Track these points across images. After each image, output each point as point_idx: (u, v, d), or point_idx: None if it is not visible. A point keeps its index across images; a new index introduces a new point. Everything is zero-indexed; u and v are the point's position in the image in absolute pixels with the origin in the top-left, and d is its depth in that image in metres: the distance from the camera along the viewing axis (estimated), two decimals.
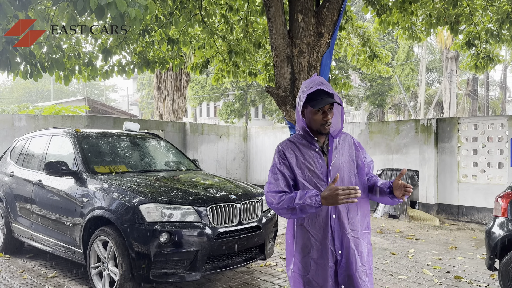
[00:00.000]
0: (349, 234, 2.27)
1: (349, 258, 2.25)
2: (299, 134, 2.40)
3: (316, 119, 2.28)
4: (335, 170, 2.30)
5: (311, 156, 2.32)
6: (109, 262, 3.96)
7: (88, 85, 47.32)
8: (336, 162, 2.32)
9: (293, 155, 2.33)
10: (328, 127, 2.29)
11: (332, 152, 2.34)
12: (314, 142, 2.34)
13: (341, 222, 2.27)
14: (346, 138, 2.45)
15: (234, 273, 4.83)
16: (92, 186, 4.31)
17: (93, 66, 7.33)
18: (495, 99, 33.10)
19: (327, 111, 2.27)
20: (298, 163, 2.32)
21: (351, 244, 2.27)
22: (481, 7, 8.05)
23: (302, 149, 2.34)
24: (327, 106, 2.26)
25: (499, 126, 7.83)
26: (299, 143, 2.36)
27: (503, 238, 4.06)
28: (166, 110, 14.88)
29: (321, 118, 2.27)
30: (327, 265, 2.26)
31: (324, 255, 2.27)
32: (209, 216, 3.90)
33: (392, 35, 25.87)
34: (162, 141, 5.96)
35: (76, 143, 4.86)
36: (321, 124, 2.28)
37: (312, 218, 2.31)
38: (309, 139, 2.35)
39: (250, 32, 8.37)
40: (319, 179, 2.28)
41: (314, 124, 2.30)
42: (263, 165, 11.78)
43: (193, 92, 29.70)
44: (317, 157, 2.31)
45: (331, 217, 2.27)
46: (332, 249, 2.27)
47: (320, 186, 2.28)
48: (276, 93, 5.96)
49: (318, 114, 2.27)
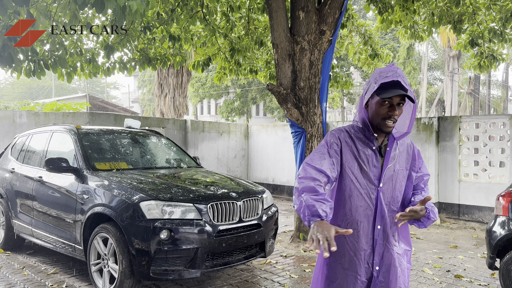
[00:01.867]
0: (393, 250, 2.03)
1: (389, 277, 2.00)
2: (356, 126, 2.09)
3: (380, 112, 1.96)
4: (389, 175, 2.04)
5: (366, 154, 2.03)
6: (109, 259, 3.96)
7: (89, 82, 47.33)
8: (392, 167, 2.05)
9: (347, 147, 2.03)
10: (391, 124, 1.96)
11: (390, 155, 2.04)
12: (373, 139, 2.03)
13: (386, 234, 2.02)
14: (405, 143, 2.14)
15: (234, 271, 4.83)
16: (92, 183, 4.31)
17: (95, 63, 7.33)
18: (497, 98, 33.05)
19: (395, 105, 1.95)
20: (351, 157, 2.02)
21: (394, 262, 2.02)
22: (484, 6, 8.01)
23: (357, 143, 2.04)
24: (397, 99, 1.94)
25: (500, 125, 7.81)
26: (356, 136, 2.05)
27: (504, 237, 4.05)
28: (167, 107, 14.88)
29: (386, 111, 1.95)
30: (358, 279, 2.01)
31: (356, 267, 2.02)
32: (210, 214, 3.89)
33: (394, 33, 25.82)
34: (163, 138, 5.96)
35: (77, 139, 4.86)
36: (384, 118, 1.95)
37: (352, 222, 2.03)
38: (367, 134, 2.04)
39: (251, 30, 8.35)
40: (370, 182, 2.02)
41: (376, 117, 1.98)
42: (264, 163, 11.78)
43: (194, 89, 29.70)
44: (373, 157, 2.03)
45: (375, 227, 2.02)
46: (369, 263, 2.02)
47: (369, 189, 2.02)
48: (277, 91, 5.95)
49: (384, 107, 1.95)
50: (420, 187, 2.17)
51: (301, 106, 6.01)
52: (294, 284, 4.45)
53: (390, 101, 1.94)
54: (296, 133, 6.10)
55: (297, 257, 5.51)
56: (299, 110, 6.00)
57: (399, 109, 1.96)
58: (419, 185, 2.18)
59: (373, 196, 2.02)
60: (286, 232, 6.95)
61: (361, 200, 2.02)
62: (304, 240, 6.10)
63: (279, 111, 29.95)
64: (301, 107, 6.01)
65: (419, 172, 2.18)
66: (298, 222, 6.23)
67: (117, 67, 7.89)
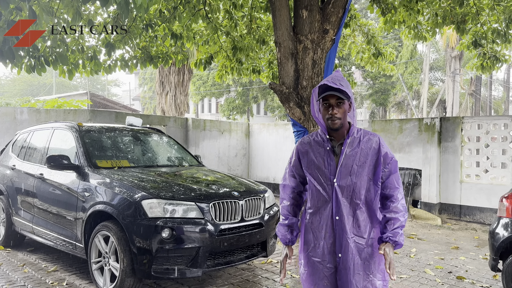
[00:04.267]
0: (350, 239, 2.21)
1: (347, 263, 2.21)
2: (319, 130, 2.39)
3: (324, 113, 2.24)
4: (345, 172, 2.23)
5: (321, 154, 2.29)
6: (110, 257, 3.94)
7: (90, 79, 47.29)
8: (348, 163, 2.23)
9: (305, 153, 2.35)
10: (335, 121, 2.21)
11: (343, 153, 2.25)
12: (326, 140, 2.29)
13: (343, 225, 2.22)
14: (372, 140, 2.29)
15: (235, 270, 4.81)
16: (94, 181, 4.29)
17: (97, 60, 7.29)
18: (498, 99, 33.01)
19: (333, 105, 2.20)
20: (308, 161, 2.33)
21: (351, 249, 2.20)
22: (488, 6, 7.97)
23: (314, 147, 2.33)
24: (333, 99, 2.20)
25: (502, 126, 7.79)
26: (314, 140, 2.35)
27: (508, 239, 4.02)
28: (168, 105, 14.85)
29: (327, 111, 2.21)
30: (325, 265, 2.27)
31: (322, 254, 2.27)
32: (212, 213, 3.87)
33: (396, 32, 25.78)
34: (165, 137, 5.94)
35: (79, 137, 4.84)
36: (328, 118, 2.22)
37: (315, 215, 2.30)
38: (323, 137, 2.32)
39: (254, 29, 8.32)
40: (326, 178, 2.25)
41: (324, 119, 2.26)
42: (264, 162, 11.76)
43: (195, 87, 29.67)
44: (327, 156, 2.27)
45: (334, 218, 2.24)
46: (332, 251, 2.25)
47: (326, 186, 2.25)
48: (280, 90, 5.92)
49: (325, 108, 2.23)
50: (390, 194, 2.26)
51: (304, 106, 5.98)
52: (295, 284, 4.43)
53: (328, 102, 2.20)
54: (298, 133, 6.08)
55: (298, 257, 5.48)
56: (301, 109, 5.98)
57: (340, 107, 2.20)
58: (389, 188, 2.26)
59: (330, 191, 2.24)
60: None
61: (320, 195, 2.28)
62: None
63: (280, 110, 29.92)
64: (304, 106, 5.98)
65: (387, 168, 2.27)
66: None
67: (119, 65, 7.87)
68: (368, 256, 2.23)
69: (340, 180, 2.22)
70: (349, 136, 2.28)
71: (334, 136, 2.30)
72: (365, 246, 2.23)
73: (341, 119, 2.22)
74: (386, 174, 2.26)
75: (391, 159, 2.28)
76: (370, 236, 2.25)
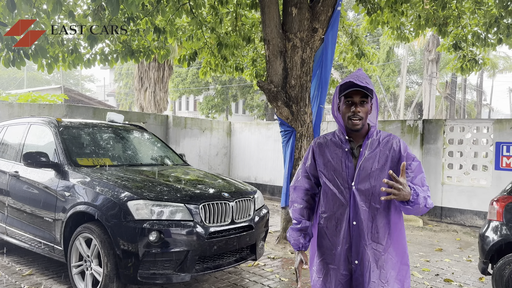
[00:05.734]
0: (368, 246, 2.08)
1: (363, 271, 2.09)
2: (336, 131, 2.25)
3: (345, 111, 2.09)
4: (364, 175, 2.09)
5: (339, 156, 2.16)
6: (93, 261, 3.72)
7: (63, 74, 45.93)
8: (367, 166, 2.10)
9: (322, 153, 2.22)
10: (356, 121, 2.06)
11: (362, 155, 2.11)
12: (345, 141, 2.16)
13: (360, 230, 2.09)
14: (391, 142, 2.15)
15: (222, 273, 4.65)
16: (74, 180, 4.05)
17: (77, 53, 6.98)
18: (471, 102, 33.90)
19: (357, 102, 2.05)
20: (324, 162, 2.20)
21: (368, 257, 2.08)
22: (469, 10, 8.10)
23: (331, 148, 2.20)
24: (357, 97, 2.05)
25: (484, 129, 7.90)
26: (331, 141, 2.22)
27: (498, 242, 4.02)
28: (147, 102, 14.48)
29: (349, 109, 2.06)
30: (340, 272, 2.14)
31: (337, 261, 2.14)
32: (201, 215, 3.71)
33: (374, 35, 26.07)
34: (148, 134, 5.72)
35: (58, 133, 4.57)
36: (348, 116, 2.07)
37: (330, 220, 2.17)
38: (342, 137, 2.18)
39: (239, 26, 8.16)
40: (344, 181, 2.12)
41: (344, 118, 2.11)
42: (246, 161, 11.62)
43: (173, 84, 29.22)
44: (345, 158, 2.14)
45: (351, 223, 2.10)
46: (348, 258, 2.13)
47: (343, 189, 2.12)
48: (268, 88, 5.79)
49: (347, 105, 2.08)
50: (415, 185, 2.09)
51: (292, 105, 5.88)
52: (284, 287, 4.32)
53: (351, 100, 2.06)
54: (286, 132, 5.97)
55: (285, 259, 5.38)
56: (289, 108, 5.87)
57: (363, 106, 2.06)
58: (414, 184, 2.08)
59: (347, 195, 2.11)
60: (271, 232, 6.81)
61: (336, 198, 2.14)
62: None
63: (259, 109, 29.81)
64: (292, 106, 5.88)
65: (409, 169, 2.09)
66: (285, 223, 6.10)
67: (98, 59, 7.57)
68: (385, 263, 2.10)
69: (359, 184, 2.09)
70: (368, 137, 2.14)
71: (353, 137, 2.17)
72: (382, 253, 2.10)
73: (363, 119, 2.08)
74: (409, 176, 2.07)
75: (413, 159, 2.12)
76: (388, 243, 2.12)
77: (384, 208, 2.10)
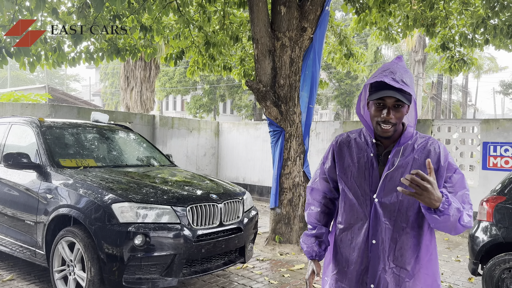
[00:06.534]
0: (388, 269, 1.76)
1: None
2: (363, 130, 1.90)
3: (374, 115, 1.73)
4: (390, 187, 1.74)
5: (363, 161, 1.82)
6: (76, 266, 3.60)
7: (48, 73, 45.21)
8: (394, 176, 1.74)
9: (342, 155, 1.90)
10: (388, 128, 1.70)
11: (390, 162, 1.76)
12: (372, 145, 1.82)
13: (380, 251, 1.76)
14: (428, 148, 1.77)
15: (210, 277, 4.56)
16: (57, 181, 3.92)
17: (61, 51, 6.80)
18: (457, 102, 34.32)
19: (390, 107, 1.68)
20: (345, 166, 1.88)
21: (386, 282, 1.75)
22: (456, 11, 8.14)
23: (355, 150, 1.86)
24: (391, 100, 1.67)
25: (471, 129, 7.93)
26: (356, 141, 1.88)
27: (488, 243, 4.01)
28: (134, 101, 14.27)
29: (379, 114, 1.70)
30: None
31: (349, 282, 1.85)
32: (188, 217, 3.61)
33: (362, 36, 26.20)
34: (133, 134, 5.59)
35: (40, 133, 4.42)
36: (376, 122, 1.72)
37: (346, 233, 1.87)
38: (368, 139, 1.84)
39: (227, 25, 8.07)
40: (364, 192, 1.79)
41: (372, 121, 1.76)
42: (234, 161, 11.52)
43: (160, 84, 28.95)
44: (369, 164, 1.80)
45: (369, 241, 1.78)
46: (363, 280, 1.81)
47: (363, 200, 1.80)
48: (257, 88, 5.72)
49: (377, 109, 1.71)
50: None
51: (281, 105, 5.81)
52: None
53: (383, 103, 1.68)
54: (275, 132, 5.90)
55: (274, 261, 5.31)
56: (278, 108, 5.80)
57: (397, 111, 1.68)
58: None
59: (367, 208, 1.79)
60: (260, 234, 6.72)
61: (355, 210, 1.83)
62: (280, 243, 5.91)
63: (246, 109, 29.72)
64: (281, 106, 5.81)
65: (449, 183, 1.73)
66: (274, 224, 6.03)
67: (83, 57, 7.40)
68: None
69: (383, 197, 1.76)
70: (400, 142, 1.77)
71: (381, 141, 1.81)
72: (407, 280, 1.76)
73: (396, 125, 1.71)
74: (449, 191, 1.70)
75: (454, 170, 1.75)
76: (416, 268, 1.77)
77: (412, 227, 1.76)
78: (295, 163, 5.91)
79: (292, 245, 5.86)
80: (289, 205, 5.90)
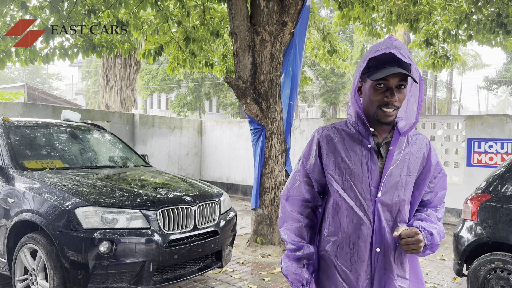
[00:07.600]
0: (396, 281, 1.55)
1: None
2: (350, 120, 1.63)
3: (375, 99, 1.50)
4: (392, 183, 1.54)
5: (359, 154, 1.56)
6: (38, 275, 3.36)
7: (30, 72, 44.35)
8: (395, 172, 1.55)
9: (332, 150, 1.60)
10: (391, 112, 1.49)
11: (392, 155, 1.56)
12: (368, 135, 1.57)
13: (387, 260, 1.55)
14: (421, 142, 1.63)
15: (186, 283, 4.34)
16: (20, 185, 3.66)
17: (33, 47, 6.50)
18: (442, 99, 34.56)
19: (393, 88, 1.47)
20: (336, 162, 1.59)
21: None
22: (440, 6, 8.05)
23: (347, 143, 1.58)
24: (395, 80, 1.46)
25: (456, 125, 7.85)
26: (346, 133, 1.60)
27: (473, 242, 3.88)
28: (113, 99, 13.92)
29: (382, 96, 1.48)
30: None
31: None
32: (159, 221, 3.39)
33: (347, 33, 26.15)
34: (107, 134, 5.34)
35: (3, 133, 4.15)
36: (380, 105, 1.49)
37: (342, 245, 1.58)
38: (361, 129, 1.58)
39: (207, 20, 7.84)
40: (364, 191, 1.54)
41: (371, 106, 1.52)
42: (218, 161, 11.30)
43: (144, 82, 28.51)
44: (368, 158, 1.55)
45: (373, 250, 1.54)
46: None
47: (364, 201, 1.55)
48: (236, 84, 5.51)
49: (378, 91, 1.49)
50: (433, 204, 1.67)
51: (261, 102, 5.61)
52: None
53: (386, 84, 1.47)
54: (255, 130, 5.70)
55: (255, 264, 5.12)
56: (258, 105, 5.60)
57: (400, 92, 1.49)
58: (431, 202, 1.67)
59: (370, 209, 1.54)
60: (242, 235, 6.54)
61: (353, 215, 1.55)
62: (262, 244, 5.72)
63: (232, 107, 29.47)
64: (261, 103, 5.61)
65: (433, 183, 1.64)
66: (256, 225, 5.84)
67: (57, 54, 7.10)
68: None
69: (385, 195, 1.54)
70: (400, 131, 1.56)
71: (377, 130, 1.58)
72: None
73: (399, 108, 1.51)
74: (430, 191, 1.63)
75: (440, 171, 1.65)
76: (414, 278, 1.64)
77: None
78: (277, 162, 5.72)
79: (275, 247, 5.68)
80: (271, 205, 5.72)
